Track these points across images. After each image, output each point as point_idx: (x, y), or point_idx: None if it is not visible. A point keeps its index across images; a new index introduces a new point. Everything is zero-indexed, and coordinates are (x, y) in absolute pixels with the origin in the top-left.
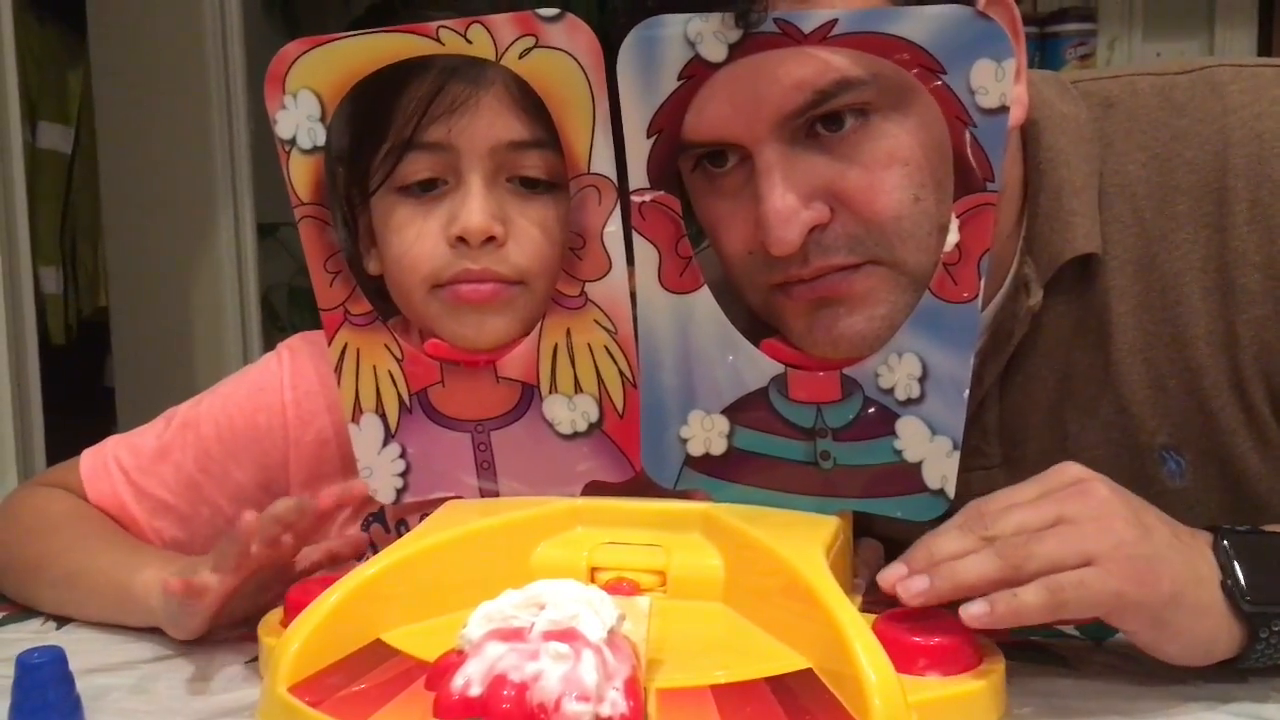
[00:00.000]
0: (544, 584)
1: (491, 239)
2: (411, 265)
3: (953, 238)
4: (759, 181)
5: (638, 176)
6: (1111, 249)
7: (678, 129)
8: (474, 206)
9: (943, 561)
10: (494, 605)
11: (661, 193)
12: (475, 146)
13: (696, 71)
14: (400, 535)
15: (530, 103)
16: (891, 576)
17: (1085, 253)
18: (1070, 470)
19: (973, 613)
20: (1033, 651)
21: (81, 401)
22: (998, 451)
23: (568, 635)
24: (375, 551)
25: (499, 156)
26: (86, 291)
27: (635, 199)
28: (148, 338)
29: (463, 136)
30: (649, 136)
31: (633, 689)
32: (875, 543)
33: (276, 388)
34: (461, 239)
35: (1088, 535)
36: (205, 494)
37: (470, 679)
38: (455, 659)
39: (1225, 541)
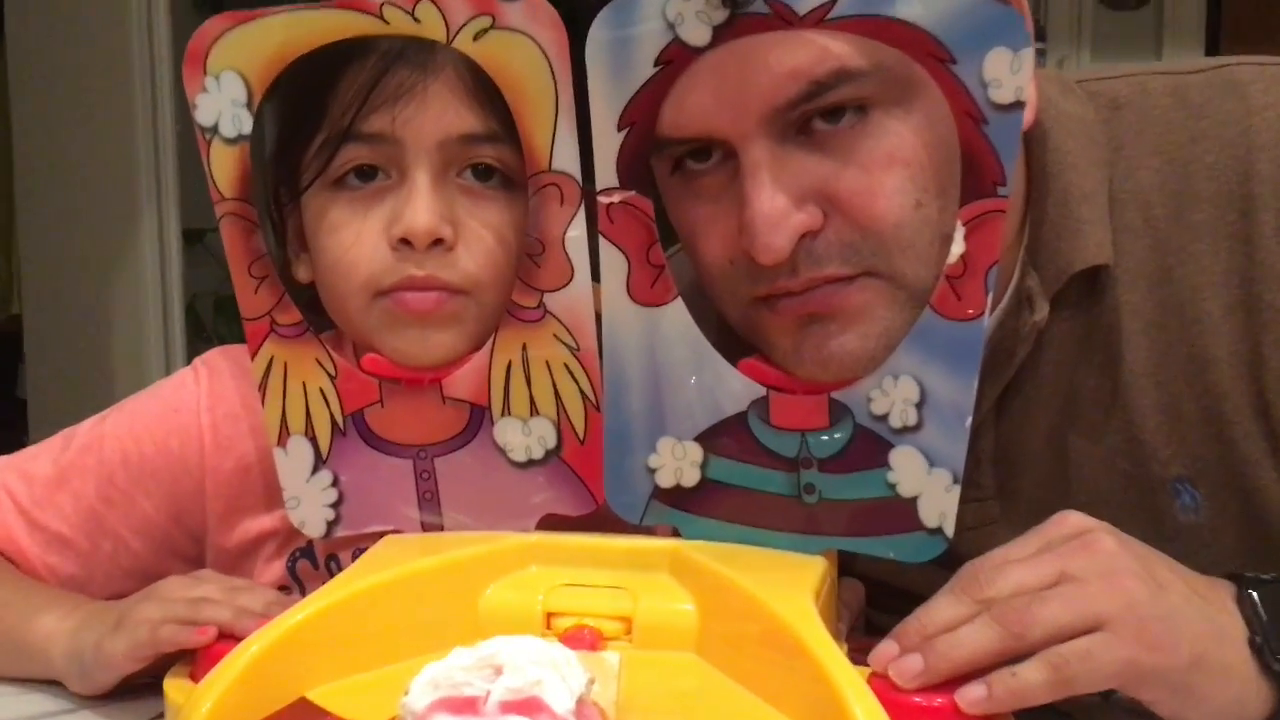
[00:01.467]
0: (500, 642)
1: (439, 242)
2: (348, 270)
3: (957, 248)
4: (745, 182)
5: (606, 175)
6: (1123, 261)
7: (652, 122)
8: (420, 206)
9: (936, 635)
10: (441, 668)
11: (632, 193)
12: (422, 139)
13: (676, 56)
14: (331, 574)
15: (485, 92)
16: (883, 656)
17: (1096, 264)
18: (1071, 520)
19: (970, 699)
20: (1037, 708)
21: None
22: (992, 482)
23: (530, 706)
24: (302, 593)
25: (448, 151)
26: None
27: (603, 200)
28: (63, 348)
29: (408, 128)
30: (620, 130)
31: None
32: (856, 583)
33: (193, 409)
34: (405, 241)
35: (1095, 595)
36: (107, 527)
37: None
38: None
39: (1252, 593)
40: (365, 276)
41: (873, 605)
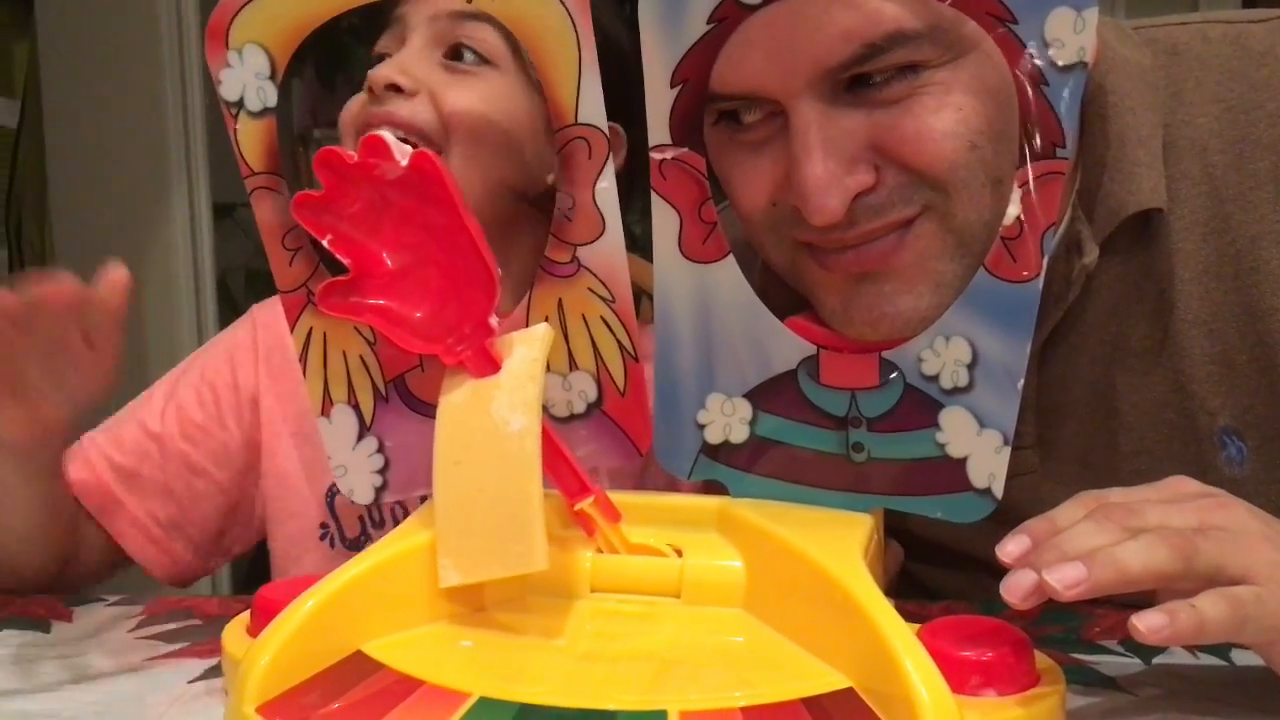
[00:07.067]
0: None
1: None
2: None
3: (1013, 210)
4: (794, 143)
5: (659, 131)
6: (1178, 209)
7: (705, 79)
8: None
9: (1080, 554)
10: None
11: (685, 150)
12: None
13: (729, 14)
14: (369, 507)
15: None
16: (1015, 550)
17: (1149, 208)
18: (1192, 481)
19: (1151, 625)
20: (1078, 671)
21: None
22: (1032, 430)
23: None
24: (338, 526)
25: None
26: (33, 273)
27: (655, 156)
28: None
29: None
30: (673, 87)
31: None
32: (895, 546)
33: (249, 344)
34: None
35: (1242, 548)
36: (194, 463)
37: None
38: None
39: None
40: None
41: (924, 561)
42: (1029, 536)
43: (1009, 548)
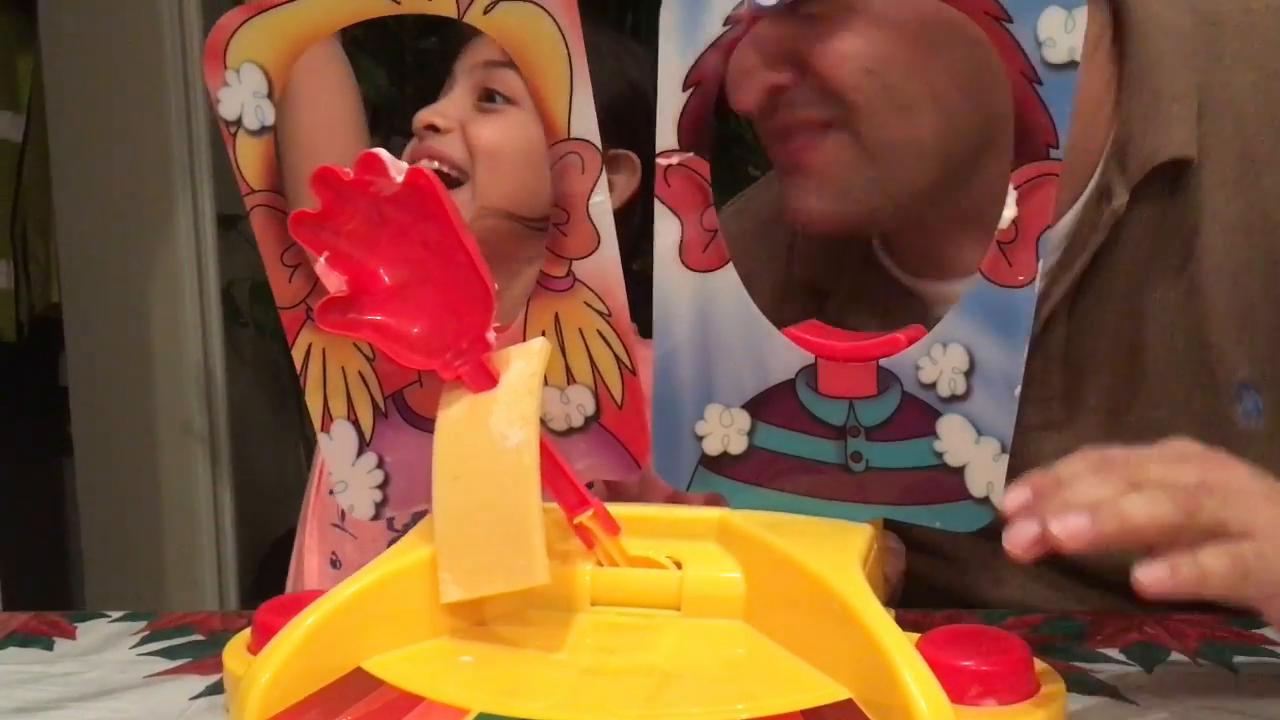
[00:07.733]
0: None
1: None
2: None
3: (1009, 213)
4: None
5: (666, 136)
6: (1208, 164)
7: (716, 83)
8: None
9: (1083, 505)
10: None
11: (690, 155)
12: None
13: (744, 16)
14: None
15: None
16: (1017, 501)
17: (1180, 156)
18: (1194, 444)
19: (1155, 575)
20: (1078, 679)
21: (34, 401)
22: (1059, 382)
23: None
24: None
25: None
26: (39, 287)
27: (661, 162)
28: (103, 335)
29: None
30: (685, 90)
31: None
32: (900, 550)
33: None
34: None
35: (1244, 505)
36: None
37: None
38: None
39: None
40: None
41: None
42: (1031, 488)
43: (1010, 498)
